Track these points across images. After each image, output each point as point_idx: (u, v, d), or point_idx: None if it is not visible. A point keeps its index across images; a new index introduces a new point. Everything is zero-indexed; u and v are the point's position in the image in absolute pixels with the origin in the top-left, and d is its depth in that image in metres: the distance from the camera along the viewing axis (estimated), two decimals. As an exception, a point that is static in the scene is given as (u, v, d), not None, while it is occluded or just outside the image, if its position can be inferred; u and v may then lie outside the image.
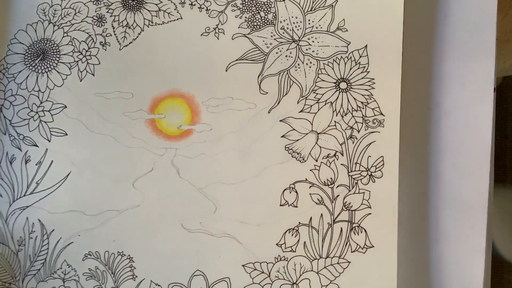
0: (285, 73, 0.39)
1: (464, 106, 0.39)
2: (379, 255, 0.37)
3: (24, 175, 0.39)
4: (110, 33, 0.40)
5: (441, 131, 0.39)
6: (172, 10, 0.40)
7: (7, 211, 0.39)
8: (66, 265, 0.39)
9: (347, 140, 0.38)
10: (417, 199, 0.39)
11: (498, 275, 0.50)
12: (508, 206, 0.54)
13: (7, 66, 0.40)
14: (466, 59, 0.39)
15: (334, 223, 0.37)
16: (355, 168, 0.38)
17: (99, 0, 0.40)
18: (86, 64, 0.40)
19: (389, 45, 0.38)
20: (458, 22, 0.39)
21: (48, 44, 0.40)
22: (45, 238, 0.39)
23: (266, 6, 0.39)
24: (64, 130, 0.39)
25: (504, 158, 0.56)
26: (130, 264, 0.38)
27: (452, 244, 0.39)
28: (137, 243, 0.39)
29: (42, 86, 0.40)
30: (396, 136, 0.38)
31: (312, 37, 0.38)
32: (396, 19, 0.38)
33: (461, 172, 0.39)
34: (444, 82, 0.39)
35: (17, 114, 0.40)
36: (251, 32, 0.39)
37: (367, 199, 0.38)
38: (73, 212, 0.39)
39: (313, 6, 0.38)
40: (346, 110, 0.38)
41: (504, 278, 0.51)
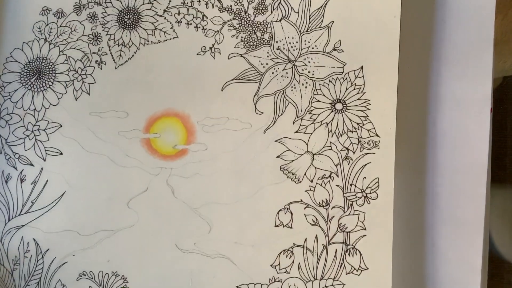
0: (281, 93, 0.38)
1: (461, 125, 0.39)
2: (373, 277, 0.37)
3: (20, 194, 0.39)
4: (105, 52, 0.40)
5: (437, 151, 0.39)
6: (168, 29, 0.40)
7: (2, 230, 0.39)
8: (61, 285, 0.39)
9: (342, 161, 0.38)
10: (413, 220, 0.39)
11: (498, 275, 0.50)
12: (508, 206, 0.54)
13: (3, 85, 0.40)
14: (462, 79, 0.39)
15: (329, 245, 0.37)
16: (350, 189, 0.38)
17: (95, 18, 0.40)
18: (81, 83, 0.40)
19: (385, 66, 0.38)
20: (455, 43, 0.39)
21: (43, 62, 0.40)
22: (39, 258, 0.39)
23: (262, 26, 0.39)
24: (59, 149, 0.39)
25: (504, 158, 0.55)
26: (124, 284, 0.38)
27: (448, 265, 0.39)
28: (131, 263, 0.38)
29: (38, 105, 0.40)
30: (391, 158, 0.38)
31: (308, 57, 0.38)
32: (392, 40, 0.37)
33: (458, 192, 0.39)
34: (440, 102, 0.39)
35: (13, 133, 0.40)
36: (247, 52, 0.39)
37: (362, 221, 0.37)
38: (68, 231, 0.39)
39: (309, 26, 0.38)
40: (342, 131, 0.38)
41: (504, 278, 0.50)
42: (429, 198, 0.39)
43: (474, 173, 0.39)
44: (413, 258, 0.39)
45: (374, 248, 0.37)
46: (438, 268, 0.39)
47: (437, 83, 0.39)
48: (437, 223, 0.39)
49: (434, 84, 0.39)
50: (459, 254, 0.39)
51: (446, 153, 0.39)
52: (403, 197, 0.39)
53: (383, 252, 0.37)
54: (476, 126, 0.39)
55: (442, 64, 0.39)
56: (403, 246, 0.39)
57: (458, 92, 0.39)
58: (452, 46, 0.39)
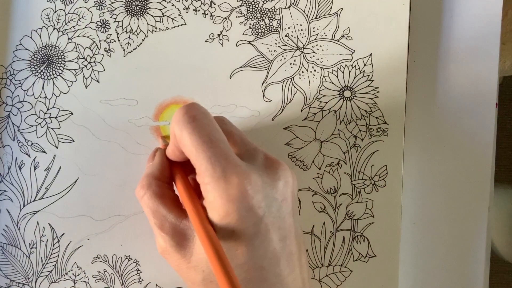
0: (289, 80, 0.38)
1: (467, 117, 0.39)
2: (381, 265, 0.37)
3: (34, 181, 0.40)
4: (114, 39, 0.40)
5: (446, 140, 0.39)
6: (176, 16, 0.39)
7: (18, 215, 0.40)
8: (77, 267, 0.40)
9: (350, 149, 0.38)
10: (421, 209, 0.39)
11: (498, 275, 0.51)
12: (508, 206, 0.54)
13: (13, 73, 0.41)
14: (469, 71, 0.38)
15: (337, 232, 0.38)
16: (358, 177, 0.38)
17: (102, 5, 0.40)
18: (91, 70, 0.40)
19: (394, 53, 0.37)
20: (462, 36, 0.39)
21: (53, 50, 0.40)
22: (55, 242, 0.40)
23: (271, 13, 0.38)
24: (71, 137, 0.40)
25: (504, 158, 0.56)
26: (137, 268, 0.40)
27: (455, 254, 0.39)
28: (143, 247, 0.40)
29: (49, 93, 0.40)
30: (400, 145, 0.38)
31: (316, 45, 0.38)
32: (401, 28, 0.37)
33: (465, 179, 0.39)
34: (449, 90, 0.39)
35: (25, 120, 0.40)
36: (255, 39, 0.39)
37: (370, 208, 0.38)
38: (82, 216, 0.40)
39: (318, 13, 0.38)
40: (350, 118, 0.38)
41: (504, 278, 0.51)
42: (437, 185, 0.39)
43: (481, 158, 0.39)
44: (421, 246, 0.39)
45: (382, 235, 0.38)
46: (445, 256, 0.39)
47: (445, 75, 0.39)
48: (445, 210, 0.39)
49: (442, 71, 0.39)
50: (466, 241, 0.39)
51: (453, 141, 0.39)
52: (411, 184, 0.39)
53: (391, 240, 0.37)
54: (481, 118, 0.39)
55: (451, 52, 0.39)
56: (410, 234, 0.39)
57: (467, 79, 0.39)
58: (460, 39, 0.39)
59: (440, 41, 0.39)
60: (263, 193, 0.28)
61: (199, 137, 0.28)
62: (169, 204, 0.31)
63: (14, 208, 0.40)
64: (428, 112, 0.39)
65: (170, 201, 0.31)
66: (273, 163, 0.30)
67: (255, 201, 0.28)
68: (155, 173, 0.32)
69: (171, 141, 0.31)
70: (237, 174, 0.28)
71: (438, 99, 0.39)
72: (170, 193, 0.32)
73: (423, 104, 0.39)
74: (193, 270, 0.30)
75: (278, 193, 0.29)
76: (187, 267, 0.30)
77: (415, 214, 0.39)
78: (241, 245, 0.28)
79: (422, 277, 0.39)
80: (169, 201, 0.31)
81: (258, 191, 0.28)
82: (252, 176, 0.28)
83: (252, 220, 0.28)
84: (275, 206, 0.29)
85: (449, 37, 0.39)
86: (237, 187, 0.27)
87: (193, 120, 0.29)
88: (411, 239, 0.39)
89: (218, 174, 0.27)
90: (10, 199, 0.40)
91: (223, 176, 0.27)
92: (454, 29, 0.39)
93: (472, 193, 0.39)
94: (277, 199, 0.29)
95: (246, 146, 0.32)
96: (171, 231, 0.30)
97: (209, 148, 0.28)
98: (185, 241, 0.30)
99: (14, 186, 0.40)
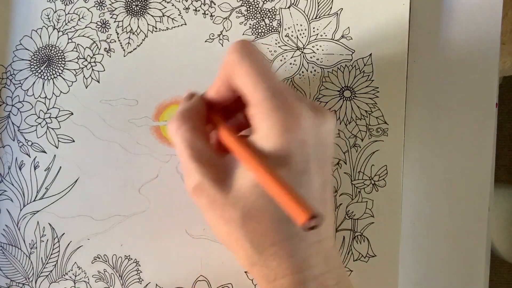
0: (289, 80, 0.38)
1: (467, 117, 0.39)
2: (381, 265, 0.37)
3: (34, 181, 0.40)
4: (114, 39, 0.40)
5: (446, 140, 0.39)
6: (176, 16, 0.39)
7: (18, 215, 0.40)
8: (77, 267, 0.40)
9: (350, 149, 0.38)
10: (421, 208, 0.39)
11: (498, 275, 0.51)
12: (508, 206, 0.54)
13: (13, 73, 0.41)
14: (470, 67, 0.38)
15: (337, 232, 0.38)
16: (358, 176, 0.38)
17: (102, 5, 0.40)
18: (91, 70, 0.40)
19: (394, 53, 0.37)
20: (463, 31, 0.39)
21: (53, 50, 0.40)
22: (55, 242, 0.40)
23: (271, 13, 0.38)
24: (71, 137, 0.40)
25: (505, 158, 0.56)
26: (137, 267, 0.40)
27: (455, 253, 0.39)
28: (143, 247, 0.40)
29: (49, 93, 0.40)
30: (400, 145, 0.38)
31: (316, 45, 0.38)
32: (402, 28, 0.37)
33: (465, 179, 0.39)
34: (449, 90, 0.39)
35: (25, 120, 0.40)
36: (255, 39, 0.39)
37: (370, 208, 0.38)
38: (82, 216, 0.40)
39: (318, 14, 0.38)
40: (350, 118, 0.38)
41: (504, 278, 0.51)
42: (437, 185, 0.39)
43: (481, 158, 0.39)
44: (421, 246, 0.39)
45: (382, 235, 0.38)
46: (445, 256, 0.39)
47: (445, 75, 0.39)
48: (445, 211, 0.39)
49: (441, 76, 0.39)
50: (466, 240, 0.39)
51: (453, 141, 0.39)
52: (411, 184, 0.39)
53: (391, 240, 0.37)
54: (481, 118, 0.39)
55: (451, 52, 0.39)
56: (411, 234, 0.39)
57: (467, 80, 0.39)
58: (460, 40, 0.39)
59: (440, 41, 0.39)
60: (314, 132, 0.28)
61: (261, 67, 0.28)
62: (207, 140, 0.30)
63: (14, 208, 0.40)
64: (428, 112, 0.39)
65: (207, 138, 0.31)
66: (320, 108, 0.30)
67: (308, 137, 0.28)
68: (194, 109, 0.31)
69: (220, 76, 0.31)
70: (295, 107, 0.28)
71: (438, 98, 0.39)
72: (206, 131, 0.31)
73: (423, 104, 0.39)
74: (230, 206, 0.29)
75: (323, 137, 0.29)
76: (224, 203, 0.29)
77: (415, 214, 0.39)
78: (291, 178, 0.27)
79: (422, 277, 0.39)
80: (206, 137, 0.31)
81: (310, 128, 0.28)
82: (307, 112, 0.28)
83: (303, 156, 0.28)
84: (321, 149, 0.29)
85: (449, 37, 0.39)
86: (294, 119, 0.27)
87: (254, 52, 0.29)
88: (411, 239, 0.39)
89: (277, 104, 0.27)
90: (10, 199, 0.40)
91: (283, 106, 0.27)
92: (454, 29, 0.39)
93: (472, 193, 0.39)
94: (323, 143, 0.29)
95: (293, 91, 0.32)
96: (209, 163, 0.29)
97: (268, 79, 0.28)
98: (223, 174, 0.29)
99: (14, 186, 0.40)
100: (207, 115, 0.32)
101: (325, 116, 0.30)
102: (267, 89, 0.28)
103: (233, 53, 0.29)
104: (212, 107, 0.32)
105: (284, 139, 0.27)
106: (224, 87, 0.31)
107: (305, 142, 0.28)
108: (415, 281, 0.39)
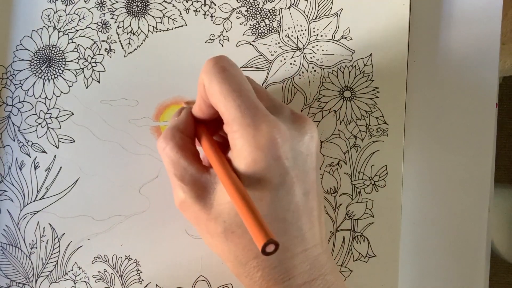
0: (289, 81, 0.39)
1: (467, 118, 0.39)
2: (381, 265, 0.38)
3: (34, 181, 0.40)
4: (114, 40, 0.40)
5: (446, 140, 0.39)
6: (176, 17, 0.40)
7: (18, 215, 0.40)
8: (77, 267, 0.40)
9: (350, 149, 0.38)
10: (421, 208, 0.39)
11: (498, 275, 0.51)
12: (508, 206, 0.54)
13: (14, 73, 0.41)
14: (470, 67, 0.39)
15: (337, 232, 0.38)
16: (358, 177, 0.38)
17: (103, 5, 0.40)
18: (91, 71, 0.40)
19: (394, 54, 0.37)
20: (463, 31, 0.39)
21: (53, 50, 0.40)
22: (56, 242, 0.40)
23: (271, 13, 0.38)
24: (71, 137, 0.40)
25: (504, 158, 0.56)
26: (137, 268, 0.40)
27: (455, 254, 0.39)
28: (143, 247, 0.40)
29: (49, 93, 0.40)
30: (400, 145, 0.38)
31: (316, 45, 0.38)
32: (402, 28, 0.37)
33: (465, 179, 0.39)
34: (449, 91, 0.39)
35: (25, 120, 0.40)
36: (255, 40, 0.39)
37: (370, 208, 0.38)
38: (82, 216, 0.40)
39: (318, 14, 0.38)
40: (350, 118, 0.38)
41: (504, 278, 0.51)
42: (437, 185, 0.39)
43: (480, 159, 0.39)
44: (421, 246, 0.39)
45: (382, 235, 0.38)
46: (445, 256, 0.39)
47: (445, 75, 0.39)
48: (444, 211, 0.39)
49: (441, 76, 0.39)
50: (465, 241, 0.39)
51: (453, 141, 0.39)
52: (411, 185, 0.39)
53: (391, 240, 0.37)
54: (482, 119, 0.39)
55: (451, 53, 0.39)
56: (411, 234, 0.39)
57: (467, 81, 0.39)
58: (460, 40, 0.39)
59: (440, 41, 0.39)
60: (291, 145, 0.29)
61: (229, 86, 0.28)
62: (190, 158, 0.31)
63: (15, 208, 0.40)
64: (428, 112, 0.39)
65: (192, 155, 0.31)
66: (299, 117, 0.31)
67: (282, 151, 0.28)
68: (180, 126, 0.32)
69: (199, 95, 0.31)
70: (266, 122, 0.28)
71: (438, 99, 0.39)
72: (193, 148, 0.32)
73: (423, 104, 0.39)
74: (213, 222, 0.30)
75: (304, 147, 0.29)
76: (207, 218, 0.30)
77: (415, 214, 0.39)
78: (266, 195, 0.28)
79: (422, 277, 0.39)
80: (190, 154, 0.31)
81: (286, 141, 0.28)
82: (281, 126, 0.28)
83: (278, 170, 0.28)
84: (301, 160, 0.29)
85: (449, 37, 0.39)
86: (266, 135, 0.28)
87: (223, 70, 0.29)
88: (411, 239, 0.39)
89: (248, 121, 0.28)
90: (11, 199, 0.40)
91: (253, 123, 0.28)
92: (454, 29, 0.39)
93: (472, 193, 0.39)
94: (303, 153, 0.29)
95: (273, 101, 0.32)
96: (191, 182, 0.30)
97: (238, 96, 0.28)
98: (205, 192, 0.30)
99: (15, 186, 0.40)
100: (196, 128, 0.33)
101: (304, 126, 0.30)
102: (237, 107, 0.28)
103: (203, 73, 0.29)
104: (202, 120, 0.33)
105: (256, 156, 0.28)
106: (205, 105, 0.31)
107: (280, 156, 0.28)
108: (415, 281, 0.39)
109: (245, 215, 0.25)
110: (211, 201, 0.30)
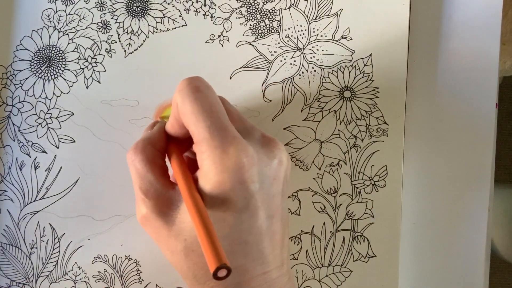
0: (289, 81, 0.39)
1: (467, 118, 0.39)
2: (381, 265, 0.38)
3: (34, 181, 0.40)
4: (115, 40, 0.40)
5: (446, 140, 0.39)
6: (176, 17, 0.40)
7: (18, 215, 0.40)
8: (77, 267, 0.40)
9: (350, 149, 0.38)
10: (421, 208, 0.39)
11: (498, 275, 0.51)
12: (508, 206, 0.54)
13: (14, 73, 0.41)
14: (470, 67, 0.39)
15: (337, 232, 0.38)
16: (358, 177, 0.38)
17: (103, 6, 0.40)
18: (92, 71, 0.40)
19: (394, 54, 0.37)
20: (463, 31, 0.39)
21: (53, 50, 0.40)
22: (56, 242, 0.40)
23: (271, 14, 0.39)
24: (72, 137, 0.40)
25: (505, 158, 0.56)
26: (137, 268, 0.40)
27: (455, 254, 0.39)
28: (143, 247, 0.40)
29: (49, 93, 0.40)
30: (400, 146, 0.38)
31: (316, 45, 0.38)
32: (402, 28, 0.37)
33: (465, 179, 0.39)
34: (449, 90, 0.39)
35: (25, 120, 0.40)
36: (255, 40, 0.39)
37: (370, 208, 0.38)
38: (82, 216, 0.40)
39: (318, 14, 0.38)
40: (350, 118, 0.38)
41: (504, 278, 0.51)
42: (437, 186, 0.39)
43: (480, 160, 0.39)
44: (421, 246, 0.39)
45: (382, 235, 0.38)
46: (445, 256, 0.39)
47: (445, 75, 0.39)
48: (444, 211, 0.39)
49: (441, 76, 0.39)
50: (466, 241, 0.39)
51: (453, 141, 0.39)
52: (411, 185, 0.39)
53: (391, 240, 0.37)
54: (482, 119, 0.39)
55: (451, 54, 0.39)
56: (411, 234, 0.39)
57: (467, 82, 0.39)
58: (460, 39, 0.39)
59: (440, 41, 0.39)
60: (258, 169, 0.29)
61: (200, 106, 0.28)
62: (158, 172, 0.31)
63: (15, 208, 0.40)
64: (428, 112, 0.39)
65: (160, 170, 0.31)
66: (269, 141, 0.31)
67: (248, 175, 0.28)
68: (151, 140, 0.32)
69: (172, 113, 0.31)
70: (234, 145, 0.28)
71: (438, 99, 0.39)
72: (162, 163, 0.32)
73: (423, 104, 0.39)
74: (173, 239, 0.29)
75: (271, 171, 0.29)
76: (168, 235, 0.30)
77: (415, 214, 0.39)
78: (229, 217, 0.28)
79: (422, 277, 0.39)
80: (158, 169, 0.31)
81: (253, 165, 0.28)
82: (249, 150, 0.28)
83: (243, 193, 0.28)
84: (267, 184, 0.29)
85: (449, 37, 0.39)
86: (233, 158, 0.28)
87: (196, 91, 0.29)
88: (411, 239, 0.39)
89: (216, 143, 0.28)
90: (11, 199, 0.40)
91: (221, 145, 0.28)
92: (454, 29, 0.39)
93: (472, 193, 0.39)
94: (270, 177, 0.29)
95: (244, 123, 0.32)
96: (155, 198, 0.30)
97: (209, 117, 0.28)
98: (168, 209, 0.30)
99: (15, 186, 0.40)
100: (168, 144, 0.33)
101: (274, 151, 0.30)
102: (206, 128, 0.28)
103: (177, 92, 0.30)
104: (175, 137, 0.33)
105: (221, 178, 0.28)
106: (177, 124, 0.31)
107: (246, 179, 0.28)
108: (415, 281, 0.39)
109: (202, 237, 0.25)
110: (173, 218, 0.30)
